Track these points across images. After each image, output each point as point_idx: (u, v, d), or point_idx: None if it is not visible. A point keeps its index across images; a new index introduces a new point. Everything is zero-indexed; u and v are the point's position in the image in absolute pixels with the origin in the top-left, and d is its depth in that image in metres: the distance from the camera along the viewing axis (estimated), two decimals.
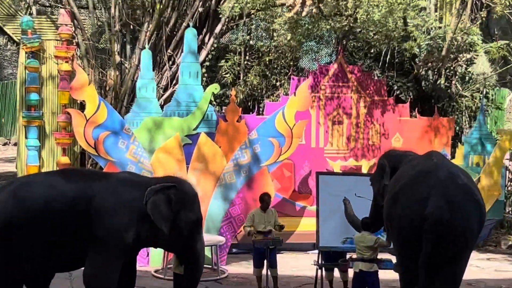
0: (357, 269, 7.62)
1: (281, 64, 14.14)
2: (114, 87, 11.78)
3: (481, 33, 14.24)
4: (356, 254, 7.68)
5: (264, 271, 8.58)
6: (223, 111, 12.26)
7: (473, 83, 14.74)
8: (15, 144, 18.01)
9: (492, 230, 12.85)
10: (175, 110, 10.39)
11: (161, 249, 8.86)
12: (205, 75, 12.47)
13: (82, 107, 10.80)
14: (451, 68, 14.45)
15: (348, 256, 8.12)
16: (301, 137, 11.00)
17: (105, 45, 12.71)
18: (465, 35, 13.53)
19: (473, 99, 14.57)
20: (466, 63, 14.50)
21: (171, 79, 12.26)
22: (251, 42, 14.66)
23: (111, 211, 6.22)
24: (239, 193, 10.40)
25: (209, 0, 12.78)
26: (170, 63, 12.29)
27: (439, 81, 14.32)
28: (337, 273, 8.69)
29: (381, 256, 7.74)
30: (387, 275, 7.91)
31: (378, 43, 13.33)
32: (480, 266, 10.94)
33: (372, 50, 14.15)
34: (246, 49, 14.37)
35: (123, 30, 12.46)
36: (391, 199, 6.52)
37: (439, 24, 13.83)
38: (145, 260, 10.11)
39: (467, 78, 14.81)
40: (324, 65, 12.82)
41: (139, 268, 7.41)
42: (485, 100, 14.47)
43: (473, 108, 14.50)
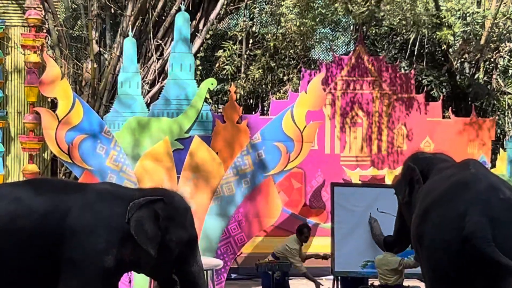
0: None
1: (290, 54, 14.18)
2: (91, 82, 11.80)
3: None
4: (378, 280, 7.69)
5: None
6: (220, 110, 12.28)
7: None
8: None
9: None
10: (164, 109, 10.39)
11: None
12: (200, 67, 12.51)
13: (53, 105, 10.82)
14: (491, 60, 14.47)
15: (370, 282, 8.13)
16: (313, 141, 11.01)
17: (80, 32, 12.75)
18: (508, 21, 13.54)
19: None
20: (509, 54, 14.51)
21: (159, 73, 12.28)
22: (254, 28, 14.69)
23: (88, 230, 6.21)
24: (240, 208, 10.39)
25: None
26: (157, 53, 12.30)
27: (477, 75, 14.34)
28: None
29: (408, 283, 7.75)
30: None
31: (404, 30, 13.35)
32: None
33: (397, 38, 14.18)
34: (248, 36, 14.40)
35: (102, 14, 12.48)
36: (421, 216, 6.49)
37: (477, 8, 13.84)
38: (128, 287, 10.12)
39: (510, 71, 14.83)
40: (340, 56, 12.84)
41: None
42: None
43: None
